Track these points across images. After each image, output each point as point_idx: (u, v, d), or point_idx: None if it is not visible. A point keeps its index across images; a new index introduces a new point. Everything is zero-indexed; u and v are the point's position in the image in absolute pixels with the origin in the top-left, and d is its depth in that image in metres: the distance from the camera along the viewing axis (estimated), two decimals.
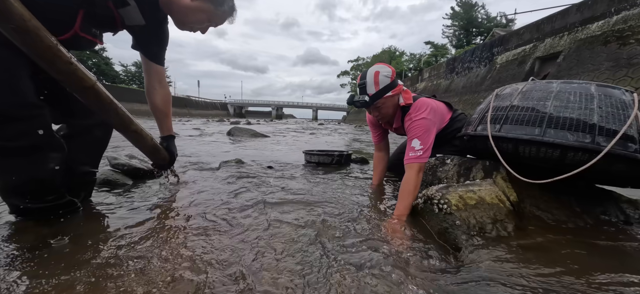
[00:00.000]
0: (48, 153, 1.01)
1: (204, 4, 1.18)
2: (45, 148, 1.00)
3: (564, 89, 1.06)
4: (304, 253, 0.87)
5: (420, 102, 1.50)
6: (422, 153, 1.34)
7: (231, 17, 1.27)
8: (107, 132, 1.32)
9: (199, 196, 1.42)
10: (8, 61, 0.90)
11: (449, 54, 30.33)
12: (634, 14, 9.41)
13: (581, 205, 1.17)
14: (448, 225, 1.00)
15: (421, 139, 1.38)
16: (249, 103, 70.93)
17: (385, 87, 1.47)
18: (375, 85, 1.47)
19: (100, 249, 0.88)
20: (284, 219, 1.14)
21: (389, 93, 1.48)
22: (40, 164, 0.99)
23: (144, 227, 1.05)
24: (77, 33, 1.02)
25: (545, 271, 0.79)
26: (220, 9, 1.22)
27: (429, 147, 1.37)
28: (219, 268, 0.78)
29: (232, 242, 0.94)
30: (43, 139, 0.98)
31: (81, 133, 1.19)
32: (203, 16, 1.21)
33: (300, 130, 9.20)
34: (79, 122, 1.19)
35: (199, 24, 1.23)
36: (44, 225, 1.02)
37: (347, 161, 2.51)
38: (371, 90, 1.47)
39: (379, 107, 1.53)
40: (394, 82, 1.49)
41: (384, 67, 1.50)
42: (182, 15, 1.20)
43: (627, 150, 0.92)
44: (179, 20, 1.22)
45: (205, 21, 1.23)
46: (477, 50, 18.17)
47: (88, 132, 1.23)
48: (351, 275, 0.76)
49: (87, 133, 1.22)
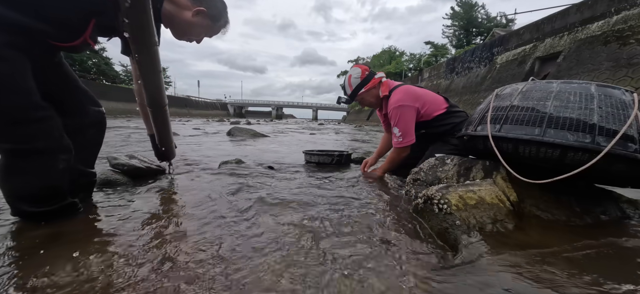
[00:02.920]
0: (59, 155, 1.01)
1: (204, 20, 1.26)
2: (57, 150, 1.00)
3: (564, 89, 1.06)
4: (303, 252, 0.87)
5: (396, 91, 1.79)
6: (402, 138, 1.73)
7: (224, 28, 1.37)
8: (100, 131, 1.32)
9: (199, 196, 1.42)
10: (18, 62, 0.89)
11: (449, 54, 30.32)
12: (634, 14, 9.41)
13: (581, 205, 1.17)
14: (448, 225, 1.00)
15: (398, 125, 1.73)
16: (249, 103, 70.91)
17: (358, 86, 1.88)
18: (350, 87, 1.90)
19: (100, 249, 0.88)
20: (283, 220, 1.14)
21: (362, 90, 1.88)
22: (52, 167, 0.99)
23: (144, 227, 1.05)
24: (85, 39, 1.03)
25: (545, 270, 0.79)
26: (217, 24, 1.31)
27: (407, 130, 1.72)
28: (217, 269, 0.78)
29: (232, 243, 0.94)
30: (56, 141, 0.99)
31: (76, 133, 1.17)
32: (201, 30, 1.30)
33: (300, 130, 9.19)
34: (73, 121, 1.17)
35: (197, 36, 1.32)
36: (45, 226, 1.02)
37: (347, 161, 2.51)
38: (348, 91, 1.92)
39: (361, 101, 1.94)
40: (365, 79, 1.85)
41: (354, 70, 1.89)
42: (183, 29, 1.27)
43: (627, 150, 0.92)
44: (178, 33, 1.28)
45: (203, 34, 1.32)
46: (477, 50, 18.17)
47: (82, 131, 1.22)
48: (350, 274, 0.76)
49: (81, 133, 1.21)
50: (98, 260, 0.81)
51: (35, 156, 0.95)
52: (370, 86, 1.85)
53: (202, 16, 1.24)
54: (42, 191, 1.00)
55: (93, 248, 0.88)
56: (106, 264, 0.79)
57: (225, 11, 1.32)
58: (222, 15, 1.31)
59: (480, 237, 0.95)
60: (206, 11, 1.24)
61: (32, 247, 0.88)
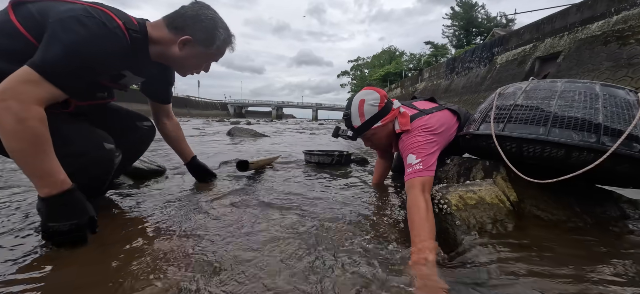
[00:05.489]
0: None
1: (194, 49, 1.09)
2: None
3: (568, 88, 1.05)
4: (302, 252, 0.86)
5: (416, 123, 1.22)
6: (422, 167, 1.06)
7: (227, 47, 1.18)
8: (148, 141, 1.48)
9: (199, 196, 1.41)
10: (85, 128, 1.02)
11: (449, 54, 30.34)
12: (634, 14, 9.41)
13: (581, 205, 1.16)
14: (448, 224, 0.99)
15: (416, 152, 1.11)
16: (249, 103, 70.90)
17: (373, 118, 1.26)
18: (361, 117, 1.26)
19: (100, 249, 0.87)
20: (283, 221, 1.13)
21: (377, 124, 1.26)
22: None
23: (143, 227, 1.04)
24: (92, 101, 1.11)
25: (545, 270, 0.78)
26: (212, 47, 1.11)
27: (428, 158, 1.09)
28: (216, 268, 0.77)
29: (231, 243, 0.92)
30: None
31: (128, 149, 1.32)
32: (196, 60, 1.13)
33: (300, 130, 9.19)
34: (127, 140, 1.30)
35: (196, 67, 1.17)
36: None
37: (347, 161, 2.50)
38: (356, 122, 1.28)
39: (369, 138, 1.33)
40: (384, 110, 1.26)
41: (370, 94, 1.27)
42: (177, 65, 1.16)
43: (633, 150, 0.91)
44: (178, 70, 1.20)
45: (202, 62, 1.16)
46: (477, 50, 18.18)
47: (132, 145, 1.38)
48: (347, 272, 0.75)
49: (132, 146, 1.38)
50: (98, 260, 0.79)
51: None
52: (389, 119, 1.26)
53: (189, 46, 1.07)
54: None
55: (93, 247, 0.87)
56: (106, 263, 0.78)
57: (218, 29, 1.10)
58: (215, 36, 1.10)
59: (480, 237, 0.94)
60: (192, 39, 1.06)
61: (33, 248, 0.87)
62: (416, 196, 0.97)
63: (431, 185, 1.05)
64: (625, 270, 0.78)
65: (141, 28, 1.01)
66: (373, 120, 1.26)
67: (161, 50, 1.07)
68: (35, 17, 0.86)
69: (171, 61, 1.11)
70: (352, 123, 1.29)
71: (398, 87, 33.41)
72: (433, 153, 1.12)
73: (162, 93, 1.43)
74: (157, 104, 1.45)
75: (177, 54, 1.07)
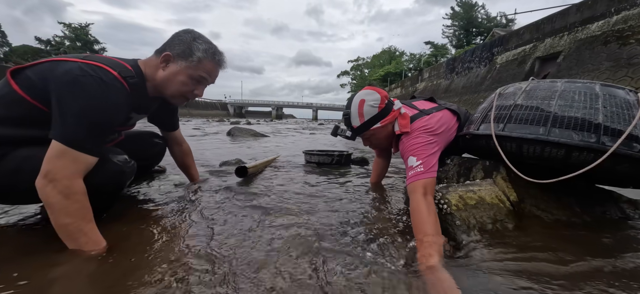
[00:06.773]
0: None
1: (175, 65, 1.05)
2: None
3: (568, 88, 1.05)
4: (303, 252, 0.86)
5: (416, 124, 1.22)
6: (423, 169, 1.04)
7: (215, 60, 1.12)
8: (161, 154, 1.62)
9: (199, 196, 1.41)
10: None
11: (449, 54, 30.34)
12: (634, 14, 9.41)
13: (581, 205, 1.16)
14: (448, 224, 0.99)
15: (417, 154, 1.10)
16: (249, 103, 70.86)
17: (372, 119, 1.24)
18: (360, 117, 1.25)
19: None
20: (283, 221, 1.12)
21: (377, 125, 1.25)
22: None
23: (142, 227, 1.04)
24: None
25: (545, 270, 0.78)
26: (192, 59, 1.06)
27: (429, 159, 1.08)
28: (216, 268, 0.77)
29: (231, 243, 0.92)
30: None
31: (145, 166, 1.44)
32: (180, 77, 1.07)
33: (300, 130, 9.19)
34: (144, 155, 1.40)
35: (184, 86, 1.10)
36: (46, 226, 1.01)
37: (347, 161, 2.50)
38: (355, 122, 1.27)
39: (368, 138, 1.33)
40: (384, 111, 1.24)
41: (371, 94, 1.26)
42: (164, 88, 1.09)
43: (632, 150, 0.91)
44: (169, 98, 1.13)
45: (189, 80, 1.09)
46: (477, 50, 18.18)
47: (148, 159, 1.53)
48: (347, 273, 0.75)
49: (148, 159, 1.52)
50: (97, 260, 0.79)
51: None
52: (389, 120, 1.25)
53: (172, 63, 1.05)
54: None
55: None
56: (105, 263, 0.78)
57: (195, 40, 1.07)
58: (192, 46, 1.06)
59: (480, 237, 0.94)
60: (171, 54, 1.04)
61: (36, 249, 0.87)
62: (418, 201, 0.97)
63: (434, 186, 1.05)
64: (625, 270, 0.78)
65: (136, 70, 1.02)
66: (372, 121, 1.25)
67: (154, 82, 1.08)
68: (35, 83, 0.89)
69: (160, 87, 1.08)
70: (351, 123, 1.29)
71: (398, 87, 33.41)
72: (434, 154, 1.12)
73: (169, 121, 1.48)
74: (166, 132, 1.52)
75: (162, 76, 1.06)
